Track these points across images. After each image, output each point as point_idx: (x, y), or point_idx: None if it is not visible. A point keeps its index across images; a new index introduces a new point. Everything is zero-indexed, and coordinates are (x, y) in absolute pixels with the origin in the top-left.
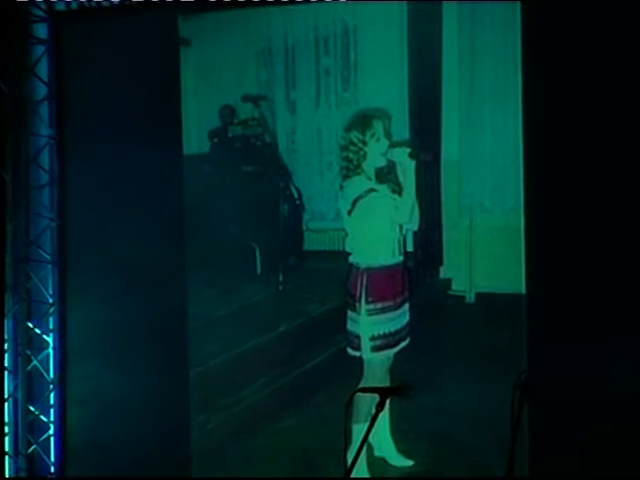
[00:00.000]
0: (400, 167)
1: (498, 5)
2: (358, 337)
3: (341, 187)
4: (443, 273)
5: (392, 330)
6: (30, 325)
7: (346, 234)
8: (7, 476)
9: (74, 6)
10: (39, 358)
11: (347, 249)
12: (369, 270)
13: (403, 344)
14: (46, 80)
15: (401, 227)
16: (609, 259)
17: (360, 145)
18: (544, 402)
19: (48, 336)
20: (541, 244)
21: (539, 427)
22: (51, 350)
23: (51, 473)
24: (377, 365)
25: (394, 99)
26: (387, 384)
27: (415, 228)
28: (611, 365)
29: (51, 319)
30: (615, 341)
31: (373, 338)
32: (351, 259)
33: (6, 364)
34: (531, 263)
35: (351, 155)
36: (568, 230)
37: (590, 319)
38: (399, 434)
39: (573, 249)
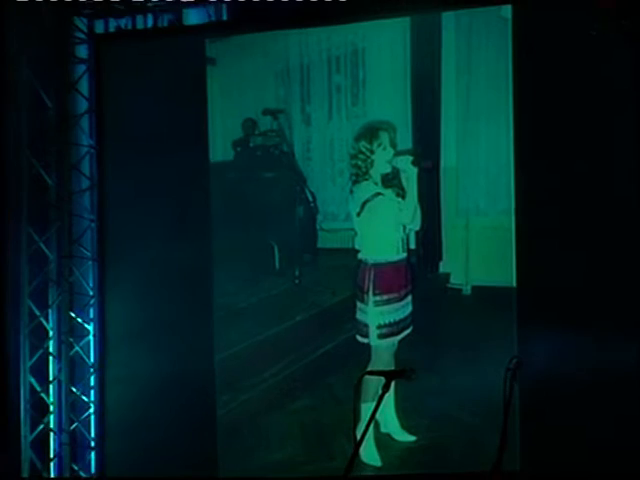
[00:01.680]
0: (404, 173)
1: (491, 31)
2: (366, 326)
3: (351, 191)
4: (442, 268)
5: (397, 319)
6: (72, 315)
7: (355, 233)
8: (52, 450)
9: (112, 29)
10: (80, 344)
11: (356, 247)
12: (376, 265)
13: (406, 332)
14: (87, 95)
15: (404, 227)
16: (589, 255)
17: (368, 154)
18: (532, 382)
19: (89, 325)
20: (530, 242)
21: (528, 404)
22: (91, 337)
23: (91, 447)
24: (383, 350)
25: (398, 113)
26: (392, 367)
27: (417, 228)
28: (592, 349)
29: (91, 310)
30: (596, 327)
31: (380, 326)
32: (360, 256)
33: (51, 350)
34: (521, 259)
35: (360, 163)
36: (554, 230)
37: (574, 309)
38: (403, 412)
39: (558, 246)
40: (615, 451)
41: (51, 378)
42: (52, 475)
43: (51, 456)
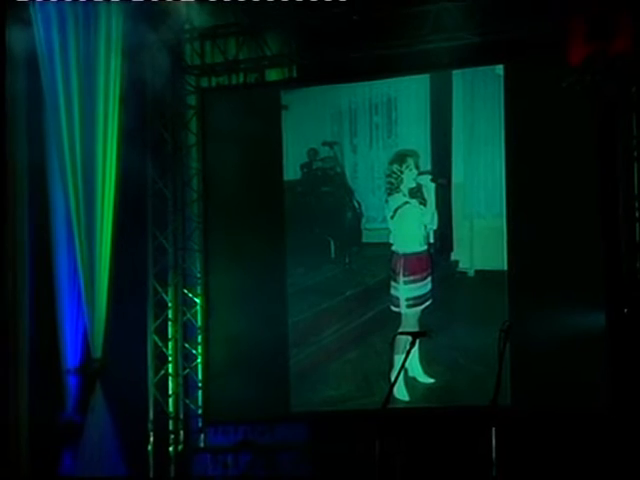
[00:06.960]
0: (425, 188)
1: (488, 84)
2: (398, 299)
3: (386, 201)
4: (453, 257)
5: (420, 294)
6: (185, 291)
7: (390, 231)
8: (170, 389)
9: (214, 84)
10: (191, 312)
11: (390, 241)
12: (405, 255)
13: (427, 303)
14: (195, 132)
15: (426, 227)
16: (562, 245)
17: (399, 173)
18: (520, 339)
19: (197, 298)
20: (517, 237)
21: (516, 356)
22: (199, 307)
23: (199, 387)
24: (410, 317)
25: (421, 143)
26: (417, 329)
27: (435, 227)
28: (566, 316)
29: (198, 287)
30: (568, 300)
31: (408, 299)
32: (393, 248)
33: (169, 317)
34: (510, 250)
35: (393, 180)
36: (534, 228)
37: (551, 286)
38: (425, 361)
39: (538, 240)
40: (582, 389)
41: (169, 337)
42: (170, 408)
43: (169, 394)
